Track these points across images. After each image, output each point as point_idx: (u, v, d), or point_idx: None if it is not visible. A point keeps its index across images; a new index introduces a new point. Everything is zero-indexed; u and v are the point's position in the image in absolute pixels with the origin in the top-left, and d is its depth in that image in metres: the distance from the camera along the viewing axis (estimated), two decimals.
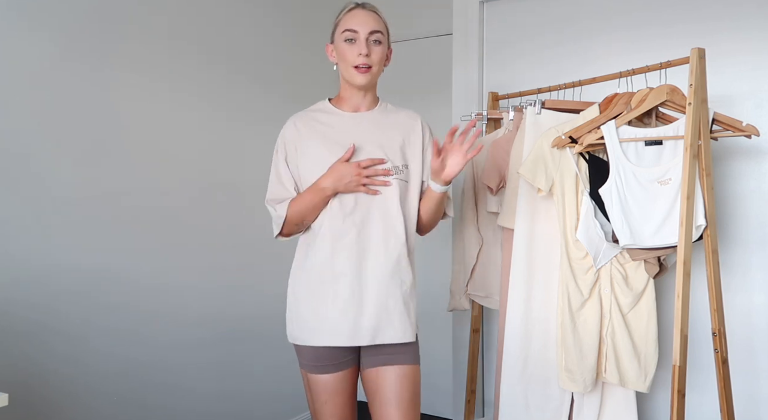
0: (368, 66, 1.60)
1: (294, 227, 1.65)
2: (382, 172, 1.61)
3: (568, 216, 2.00)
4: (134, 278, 2.14)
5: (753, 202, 2.28)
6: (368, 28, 1.59)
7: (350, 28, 1.60)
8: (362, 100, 1.68)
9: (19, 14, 1.81)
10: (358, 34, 1.59)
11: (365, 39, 1.59)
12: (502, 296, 2.24)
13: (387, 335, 1.60)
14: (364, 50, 1.58)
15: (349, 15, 1.63)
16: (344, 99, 1.70)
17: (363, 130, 1.66)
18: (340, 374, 1.64)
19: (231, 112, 2.54)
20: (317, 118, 1.68)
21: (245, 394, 2.61)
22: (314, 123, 1.67)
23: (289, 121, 1.70)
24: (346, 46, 1.61)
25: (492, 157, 2.28)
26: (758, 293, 2.27)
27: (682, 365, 1.76)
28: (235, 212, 2.53)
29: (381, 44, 1.62)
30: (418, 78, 3.09)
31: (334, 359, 1.62)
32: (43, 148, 1.88)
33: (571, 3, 2.64)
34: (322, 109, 1.71)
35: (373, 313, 1.59)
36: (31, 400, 1.84)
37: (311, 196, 1.60)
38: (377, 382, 1.63)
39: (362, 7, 1.63)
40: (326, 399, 1.65)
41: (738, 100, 2.29)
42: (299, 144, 1.65)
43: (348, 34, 1.60)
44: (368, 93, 1.69)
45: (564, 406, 2.09)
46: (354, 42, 1.60)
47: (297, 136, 1.66)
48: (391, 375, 1.62)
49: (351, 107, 1.69)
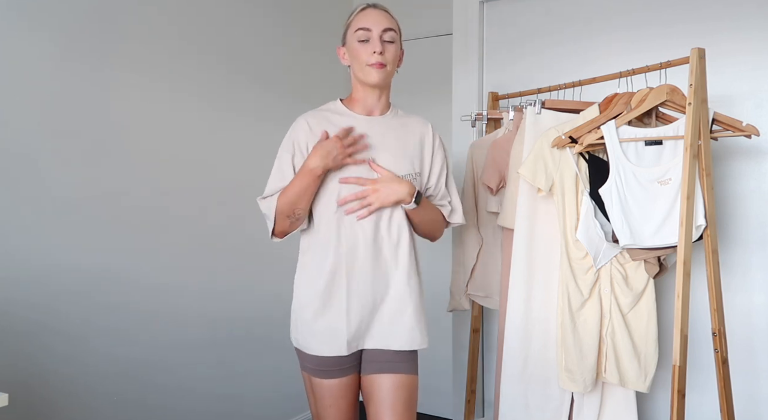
0: (383, 64, 1.58)
1: (287, 221, 1.58)
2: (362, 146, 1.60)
3: (568, 216, 2.00)
4: (134, 278, 2.14)
5: (753, 202, 2.28)
6: (381, 26, 1.58)
7: (363, 27, 1.59)
8: (376, 103, 1.66)
9: (19, 14, 1.81)
10: (371, 32, 1.58)
11: (379, 37, 1.58)
12: (502, 296, 2.24)
13: (390, 341, 1.60)
14: (378, 48, 1.57)
15: (361, 14, 1.62)
16: (357, 100, 1.67)
17: (376, 135, 1.64)
18: (344, 379, 1.63)
19: (231, 112, 2.54)
20: (330, 118, 1.64)
21: (245, 394, 2.61)
22: (327, 123, 1.62)
23: (300, 119, 1.65)
24: (360, 46, 1.59)
25: (492, 157, 2.28)
26: (758, 293, 2.27)
27: (682, 365, 1.76)
28: (235, 212, 2.53)
29: (394, 43, 1.61)
30: (418, 78, 3.09)
31: (338, 365, 1.61)
32: (44, 148, 1.88)
33: (571, 3, 2.64)
34: (335, 110, 1.67)
35: (378, 320, 1.59)
36: (31, 400, 1.84)
37: (300, 180, 1.54)
38: (373, 388, 1.62)
39: (374, 7, 1.63)
40: (330, 403, 1.63)
41: (738, 100, 2.29)
42: (312, 144, 1.60)
43: (361, 33, 1.58)
44: (383, 95, 1.67)
45: (564, 406, 2.09)
46: (368, 41, 1.58)
47: (310, 135, 1.61)
48: (387, 383, 1.60)
49: (364, 110, 1.66)
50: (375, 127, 1.65)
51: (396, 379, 1.61)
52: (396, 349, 1.61)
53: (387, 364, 1.61)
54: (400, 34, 1.66)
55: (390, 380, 1.61)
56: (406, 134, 1.68)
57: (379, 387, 1.61)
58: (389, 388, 1.60)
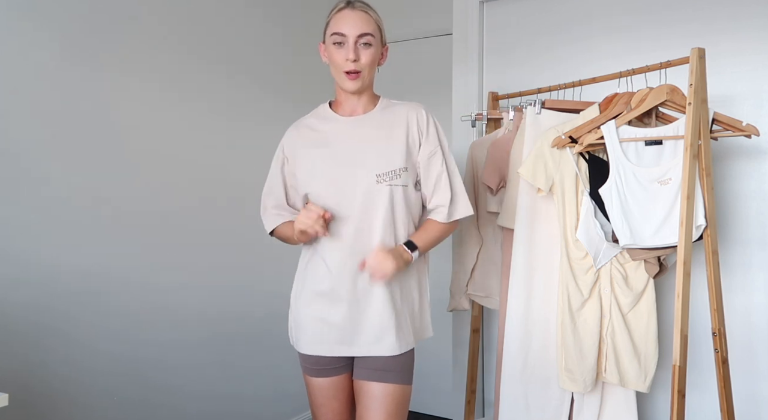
0: (357, 71, 1.55)
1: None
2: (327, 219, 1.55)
3: (568, 216, 2.00)
4: (134, 278, 2.14)
5: (753, 202, 2.28)
6: (356, 31, 1.52)
7: (338, 31, 1.54)
8: (357, 104, 1.64)
9: (20, 15, 1.81)
10: (346, 37, 1.53)
11: (354, 43, 1.53)
12: (502, 296, 2.24)
13: (378, 348, 1.57)
14: (352, 56, 1.52)
15: (337, 17, 1.56)
16: (340, 103, 1.66)
17: (356, 136, 1.62)
18: (335, 379, 1.64)
19: (231, 113, 2.54)
20: (314, 125, 1.66)
21: (245, 394, 2.61)
22: (309, 131, 1.66)
23: (290, 127, 1.71)
24: (335, 50, 1.55)
25: (492, 157, 2.28)
26: (758, 293, 2.27)
27: (682, 365, 1.76)
28: (235, 212, 2.53)
29: (371, 47, 1.55)
30: (418, 78, 3.09)
31: (329, 364, 1.63)
32: (44, 149, 1.88)
33: (571, 3, 2.64)
34: (321, 114, 1.68)
35: (368, 324, 1.57)
36: (31, 400, 1.84)
37: (291, 233, 1.61)
38: (361, 394, 1.61)
39: (351, 7, 1.55)
40: (323, 402, 1.65)
41: (738, 100, 2.28)
42: (296, 152, 1.65)
43: (336, 37, 1.54)
44: (362, 96, 1.63)
45: (564, 406, 2.09)
46: (342, 46, 1.54)
47: (293, 144, 1.67)
48: (376, 392, 1.58)
49: (347, 111, 1.65)
50: (355, 128, 1.62)
51: (385, 388, 1.58)
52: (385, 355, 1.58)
53: (378, 373, 1.58)
54: (382, 32, 1.60)
55: (379, 390, 1.58)
56: (392, 127, 1.61)
57: (366, 393, 1.59)
58: (377, 396, 1.58)
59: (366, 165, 1.58)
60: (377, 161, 1.58)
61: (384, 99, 1.68)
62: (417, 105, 1.66)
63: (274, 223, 1.68)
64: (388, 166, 1.58)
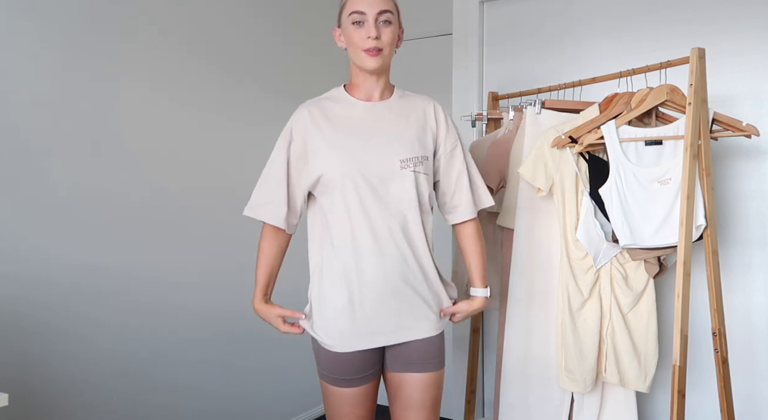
0: (379, 49, 1.49)
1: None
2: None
3: (568, 216, 2.00)
4: (135, 277, 2.14)
5: (753, 202, 2.28)
6: (376, 9, 1.48)
7: (357, 10, 1.49)
8: (375, 86, 1.58)
9: (20, 15, 1.81)
10: (366, 15, 1.48)
11: (374, 20, 1.48)
12: (502, 296, 2.24)
13: (412, 332, 1.53)
14: (373, 33, 1.47)
15: None
16: (356, 85, 1.60)
17: (374, 121, 1.57)
18: (364, 387, 1.56)
19: (230, 112, 2.54)
20: (329, 107, 1.59)
21: (246, 394, 2.61)
22: (324, 113, 1.57)
23: (301, 108, 1.60)
24: (354, 30, 1.50)
25: (492, 157, 2.28)
26: (758, 293, 2.27)
27: (682, 365, 1.76)
28: (235, 211, 2.52)
29: (391, 25, 1.51)
30: (418, 78, 3.09)
31: (360, 372, 1.55)
32: (44, 148, 1.88)
33: (571, 3, 2.64)
34: (336, 97, 1.61)
35: (397, 311, 1.52)
36: (31, 400, 1.84)
37: (259, 271, 1.75)
38: (401, 386, 1.56)
39: None
40: (349, 411, 1.57)
41: (738, 100, 2.29)
42: (309, 132, 1.56)
43: (355, 16, 1.49)
44: (381, 78, 1.58)
45: (564, 406, 2.09)
46: (362, 25, 1.49)
47: (310, 119, 1.56)
48: (417, 382, 1.54)
49: (364, 95, 1.59)
50: (374, 113, 1.58)
51: (426, 377, 1.55)
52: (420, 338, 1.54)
53: (415, 365, 1.54)
54: (398, 12, 1.56)
55: (420, 380, 1.54)
56: (408, 117, 1.59)
57: (407, 384, 1.55)
58: (417, 387, 1.54)
59: (389, 149, 1.53)
60: (400, 147, 1.54)
61: (399, 89, 1.66)
62: (429, 98, 1.67)
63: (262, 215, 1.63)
64: (411, 152, 1.54)
